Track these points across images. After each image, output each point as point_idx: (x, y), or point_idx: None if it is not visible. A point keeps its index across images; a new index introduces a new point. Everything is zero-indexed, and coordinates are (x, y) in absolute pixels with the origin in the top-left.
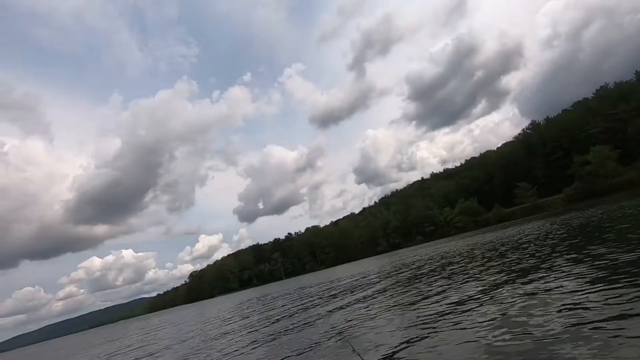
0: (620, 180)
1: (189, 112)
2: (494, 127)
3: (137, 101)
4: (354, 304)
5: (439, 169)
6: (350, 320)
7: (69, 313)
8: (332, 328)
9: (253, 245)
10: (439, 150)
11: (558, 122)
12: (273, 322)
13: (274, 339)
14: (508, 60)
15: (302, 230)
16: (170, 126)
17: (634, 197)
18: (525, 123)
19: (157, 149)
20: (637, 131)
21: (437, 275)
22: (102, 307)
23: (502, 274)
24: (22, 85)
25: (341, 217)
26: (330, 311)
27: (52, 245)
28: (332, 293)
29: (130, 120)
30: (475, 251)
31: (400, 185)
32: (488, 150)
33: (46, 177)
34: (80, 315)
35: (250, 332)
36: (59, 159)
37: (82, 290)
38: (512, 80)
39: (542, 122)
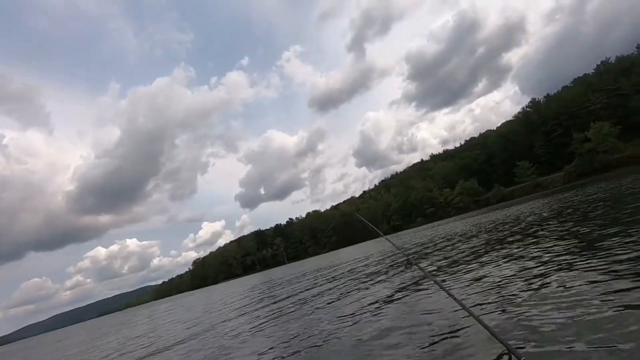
0: (621, 157)
1: (187, 98)
2: (495, 105)
3: (135, 89)
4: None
5: (439, 149)
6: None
7: (77, 302)
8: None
9: (255, 231)
10: (440, 130)
11: (558, 99)
12: (275, 303)
13: (278, 323)
14: (510, 35)
15: (303, 215)
16: (169, 113)
17: (634, 173)
18: (526, 101)
19: (157, 136)
20: (639, 106)
21: (440, 257)
22: (110, 296)
23: (505, 255)
24: (20, 77)
25: (342, 201)
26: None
27: (57, 236)
28: (334, 275)
29: (129, 108)
30: (478, 232)
31: (401, 167)
32: (488, 130)
33: (47, 168)
34: (89, 304)
35: (252, 315)
36: (59, 149)
37: (88, 280)
38: (513, 57)
39: (542, 100)
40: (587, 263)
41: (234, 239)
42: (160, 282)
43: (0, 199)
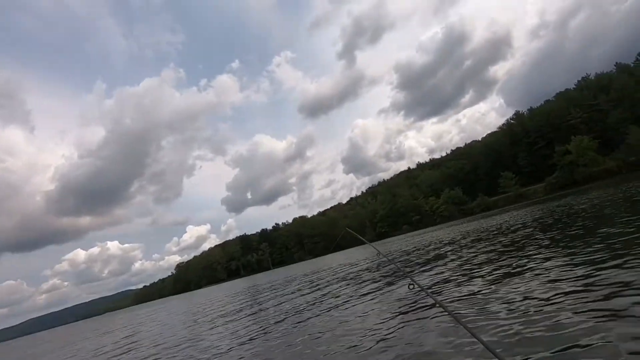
0: (599, 170)
1: (176, 100)
2: (481, 117)
3: (121, 89)
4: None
5: (426, 158)
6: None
7: (53, 306)
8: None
9: (240, 235)
10: (427, 139)
11: (541, 113)
12: (257, 311)
13: (258, 330)
14: (496, 49)
15: (290, 221)
16: (156, 115)
17: (607, 187)
18: (510, 113)
19: (143, 138)
20: (616, 121)
21: (427, 264)
22: (88, 300)
23: (489, 263)
24: (1, 72)
25: (329, 207)
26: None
27: (34, 238)
28: (319, 282)
29: (115, 108)
30: (461, 239)
31: (388, 174)
32: (474, 140)
33: (27, 167)
34: (65, 308)
35: (234, 321)
36: (40, 148)
37: (66, 283)
38: (499, 70)
39: (525, 113)
40: (567, 271)
41: (219, 243)
42: (141, 286)
43: None
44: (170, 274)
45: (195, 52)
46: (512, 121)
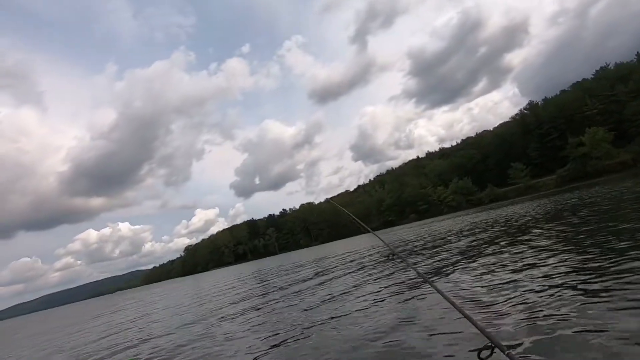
0: (613, 163)
1: (185, 83)
2: (493, 106)
3: (132, 71)
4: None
5: (436, 147)
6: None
7: (66, 283)
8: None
9: (248, 220)
10: (437, 128)
11: (555, 103)
12: (263, 294)
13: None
14: (513, 36)
15: (297, 207)
16: (166, 98)
17: (622, 181)
18: (524, 103)
19: (153, 121)
20: (633, 113)
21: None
22: (99, 279)
23: (494, 254)
24: (15, 53)
25: (336, 194)
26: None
27: (48, 217)
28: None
29: (126, 90)
30: (473, 229)
31: (397, 163)
32: (484, 130)
33: (40, 148)
34: (78, 286)
35: (239, 303)
36: (52, 129)
37: (79, 262)
38: (515, 58)
39: (539, 103)
40: (571, 262)
41: (227, 226)
42: (150, 267)
43: None
44: (178, 256)
45: (206, 36)
46: (525, 111)
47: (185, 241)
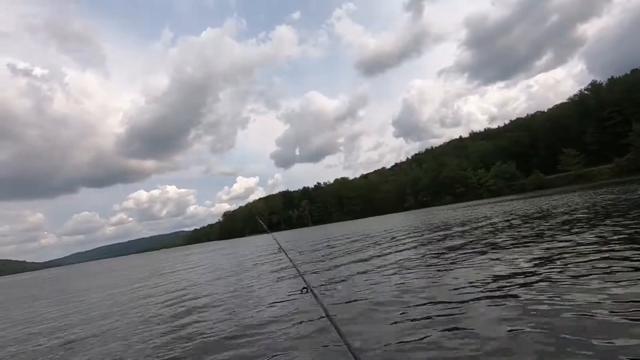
0: None
1: (235, 51)
2: (555, 84)
3: (185, 38)
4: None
5: (485, 126)
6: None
7: (119, 238)
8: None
9: (283, 191)
10: (489, 106)
11: (623, 84)
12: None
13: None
14: (590, 3)
15: (332, 182)
16: (215, 65)
17: None
18: None
19: (201, 87)
20: None
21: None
22: (147, 236)
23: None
24: (81, 18)
25: (372, 170)
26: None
27: (105, 175)
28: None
29: (178, 57)
30: (509, 218)
31: (440, 141)
32: (537, 111)
33: (101, 109)
34: (129, 241)
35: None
36: (111, 92)
37: (130, 219)
38: (589, 29)
39: (604, 83)
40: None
41: (265, 195)
42: (192, 228)
43: (59, 136)
44: (218, 220)
45: (258, 1)
46: (585, 92)
47: (226, 207)
